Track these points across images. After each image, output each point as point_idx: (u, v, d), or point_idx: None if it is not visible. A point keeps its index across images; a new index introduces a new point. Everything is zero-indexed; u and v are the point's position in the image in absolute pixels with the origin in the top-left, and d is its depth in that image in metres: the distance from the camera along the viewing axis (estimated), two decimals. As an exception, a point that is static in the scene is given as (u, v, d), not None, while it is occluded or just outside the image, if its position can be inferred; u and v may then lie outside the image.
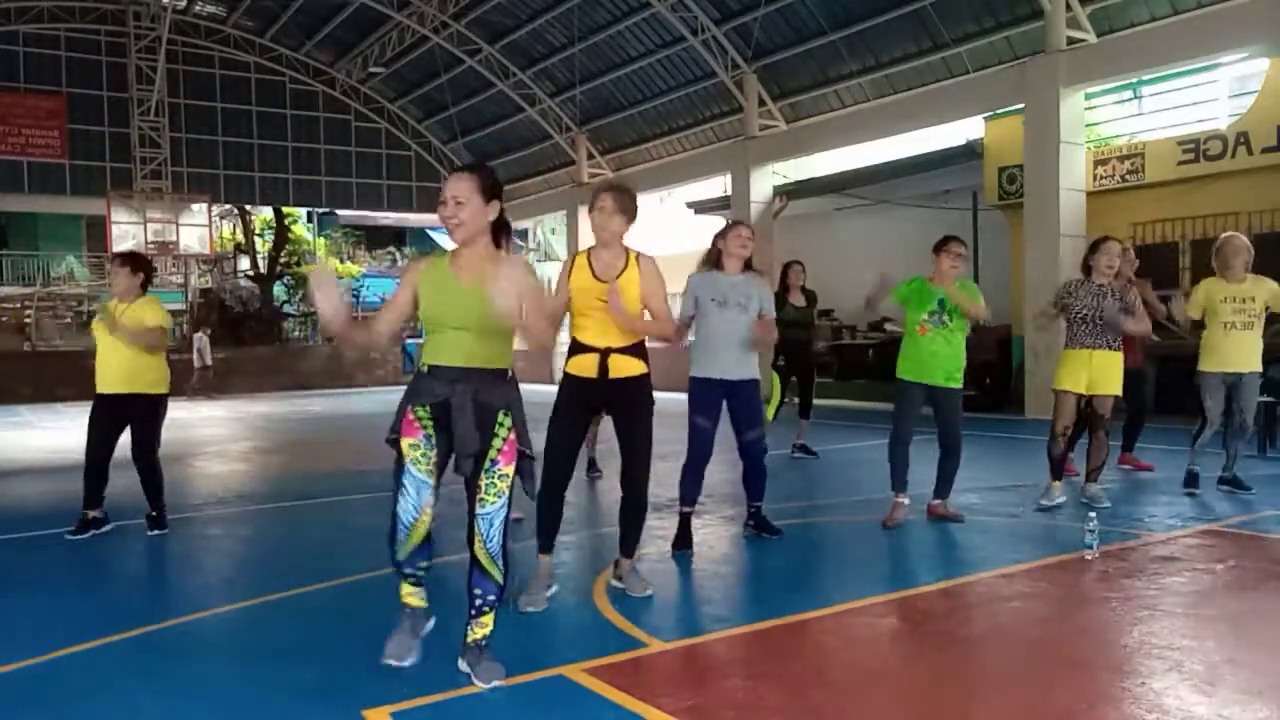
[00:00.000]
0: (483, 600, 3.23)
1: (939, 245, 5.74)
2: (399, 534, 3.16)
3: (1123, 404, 7.11)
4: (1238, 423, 6.36)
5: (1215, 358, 6.32)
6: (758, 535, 5.41)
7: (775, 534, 5.38)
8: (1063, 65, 12.39)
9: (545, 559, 4.27)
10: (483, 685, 3.15)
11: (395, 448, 3.22)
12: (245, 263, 30.80)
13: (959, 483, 5.93)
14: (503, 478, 3.20)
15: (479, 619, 3.25)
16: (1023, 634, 3.78)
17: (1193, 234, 12.34)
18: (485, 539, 3.18)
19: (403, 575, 3.25)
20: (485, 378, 3.16)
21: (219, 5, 23.80)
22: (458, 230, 3.16)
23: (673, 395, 6.96)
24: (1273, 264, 10.54)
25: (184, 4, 23.11)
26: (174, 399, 6.25)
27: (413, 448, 3.18)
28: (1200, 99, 13.04)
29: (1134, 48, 12.10)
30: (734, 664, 3.52)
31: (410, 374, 3.34)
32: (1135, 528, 5.51)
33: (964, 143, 15.33)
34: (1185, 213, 12.43)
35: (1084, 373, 6.07)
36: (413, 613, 3.29)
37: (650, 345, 4.27)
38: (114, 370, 5.70)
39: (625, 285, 4.08)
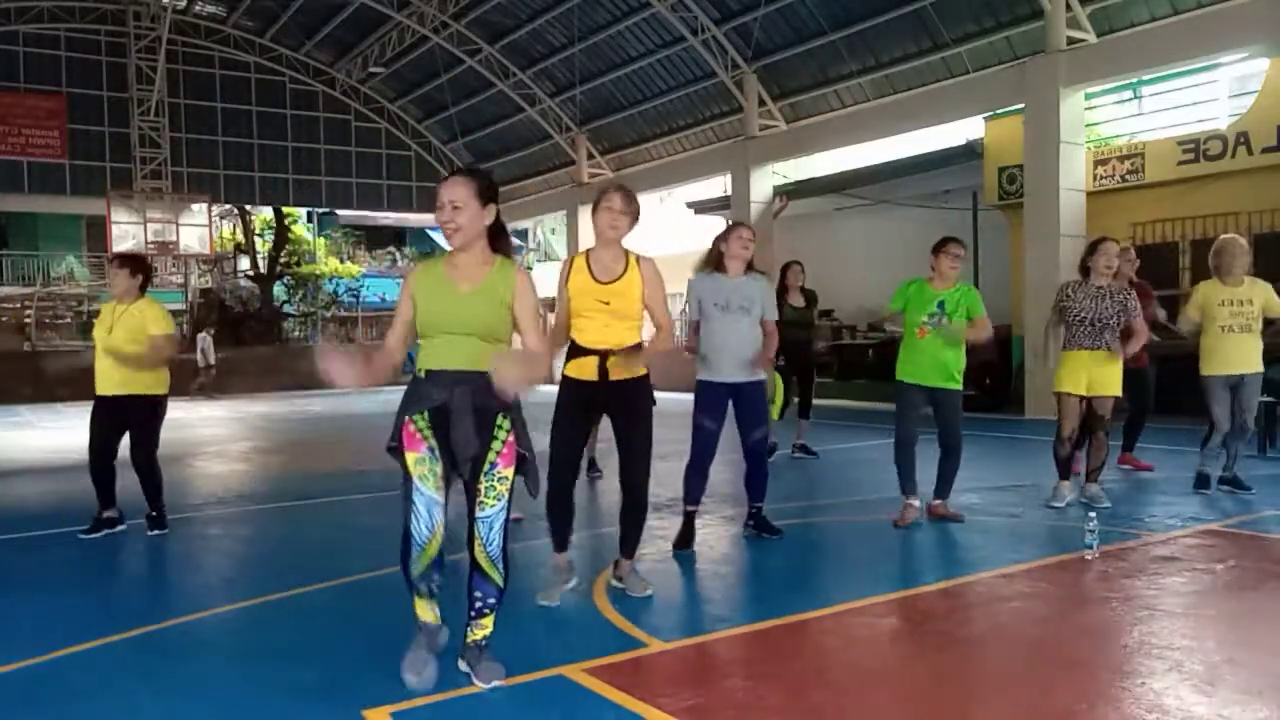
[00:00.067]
0: (483, 603, 3.23)
1: (937, 246, 5.73)
2: (413, 551, 3.14)
3: (1125, 404, 7.12)
4: (1239, 423, 6.36)
5: (1216, 361, 6.31)
6: (758, 535, 5.41)
7: (775, 534, 5.39)
8: (1063, 65, 12.39)
9: (561, 556, 4.30)
10: (483, 685, 3.15)
11: (398, 458, 3.20)
12: (245, 263, 30.81)
13: (959, 483, 5.93)
14: (502, 480, 3.20)
15: (479, 620, 3.25)
16: (1023, 634, 3.78)
17: (1193, 234, 12.34)
18: (485, 542, 3.18)
19: (416, 591, 3.22)
20: (483, 381, 3.15)
21: (219, 5, 23.80)
22: (455, 235, 3.15)
23: (673, 395, 6.94)
24: (1273, 264, 10.62)
25: (184, 4, 23.11)
26: (179, 399, 6.25)
27: (419, 463, 3.16)
28: (1200, 99, 13.04)
29: (1134, 48, 12.11)
30: (734, 664, 3.52)
31: (409, 375, 3.31)
32: (1135, 528, 5.51)
33: (964, 143, 15.34)
34: (1185, 213, 12.43)
35: (1084, 374, 6.06)
36: (428, 629, 3.26)
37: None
38: (112, 372, 5.69)
39: (626, 288, 4.09)
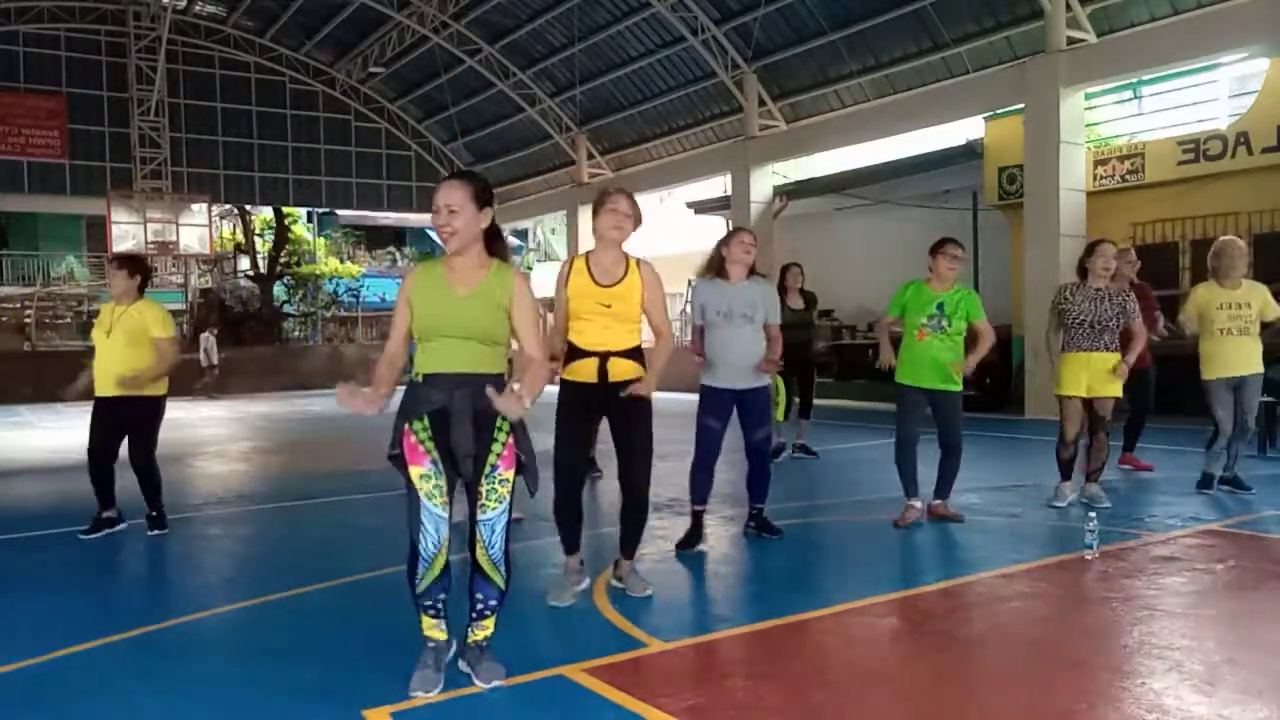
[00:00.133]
0: (484, 604, 3.23)
1: (935, 247, 5.73)
2: (420, 567, 3.13)
3: (1125, 404, 7.11)
4: (1240, 423, 6.36)
5: (1217, 364, 6.31)
6: (758, 535, 5.42)
7: (776, 534, 5.39)
8: (1063, 65, 12.39)
9: (573, 557, 4.32)
10: (483, 685, 3.16)
11: (399, 466, 3.18)
12: (245, 263, 30.82)
13: (959, 483, 5.93)
14: (503, 483, 3.20)
15: (480, 621, 3.25)
16: (1023, 634, 3.78)
17: (1193, 234, 12.34)
18: (487, 545, 3.18)
19: (422, 608, 3.20)
20: (482, 383, 3.15)
21: (219, 5, 23.80)
22: (452, 239, 3.14)
23: (673, 395, 6.94)
24: (1273, 264, 10.62)
25: (184, 4, 23.11)
26: (180, 399, 6.25)
27: (425, 479, 3.13)
28: (1200, 99, 13.03)
29: (1134, 48, 12.10)
30: (734, 664, 3.52)
31: (408, 375, 3.30)
32: (1135, 528, 5.51)
33: (964, 143, 15.34)
34: (1185, 213, 12.43)
35: (1084, 375, 6.06)
36: (435, 645, 3.24)
37: (648, 346, 4.28)
38: (112, 373, 5.68)
39: (626, 291, 4.10)
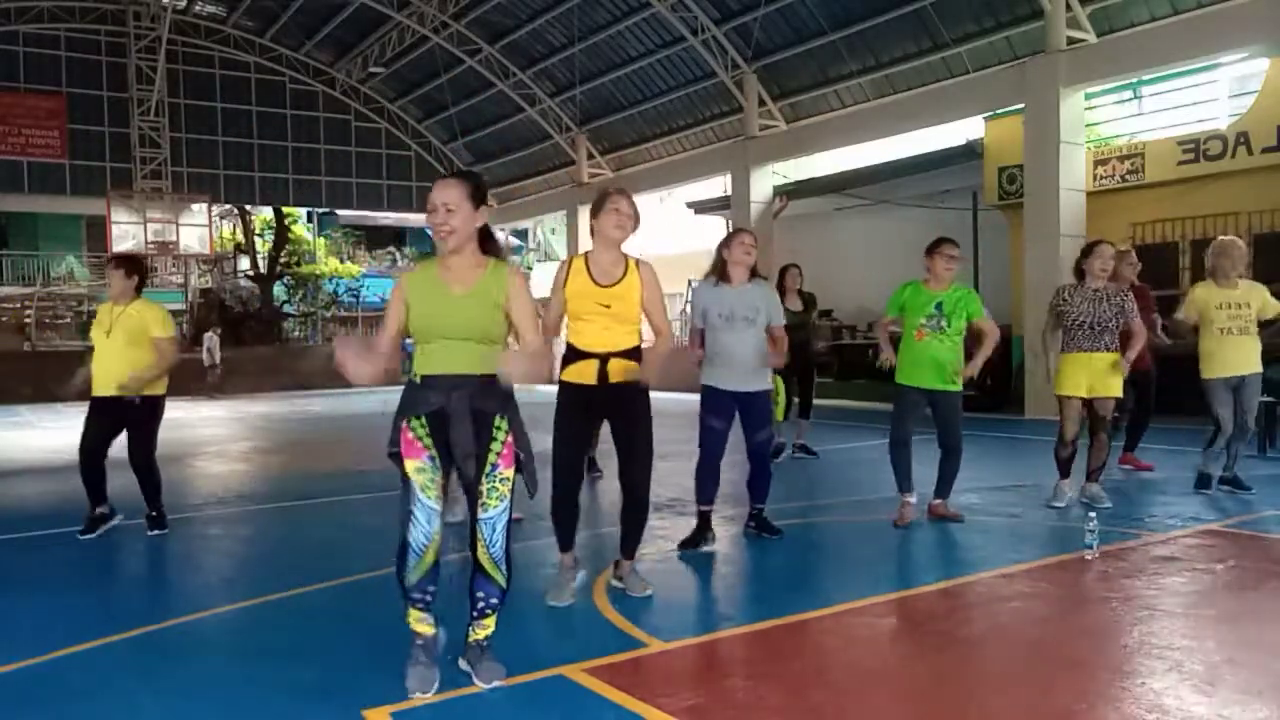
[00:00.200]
0: (485, 603, 3.23)
1: (931, 248, 5.73)
2: (410, 559, 3.14)
3: (1128, 405, 7.11)
4: (1240, 423, 6.36)
5: (1217, 363, 6.31)
6: (758, 535, 5.42)
7: (776, 534, 5.39)
8: (1063, 65, 12.39)
9: (568, 555, 4.32)
10: (483, 685, 3.16)
11: (398, 464, 3.19)
12: (245, 263, 30.83)
13: (959, 483, 5.93)
14: (504, 481, 3.20)
15: (481, 620, 3.25)
16: (1023, 634, 3.78)
17: (1193, 234, 12.34)
18: (488, 543, 3.18)
19: (410, 601, 3.20)
20: (480, 384, 3.15)
21: (219, 5, 23.81)
22: (450, 238, 3.14)
23: (673, 396, 6.94)
24: (1273, 264, 10.62)
25: (184, 4, 23.12)
26: (181, 399, 6.25)
27: (419, 472, 3.15)
28: (1200, 99, 13.04)
29: (1134, 48, 12.11)
30: (734, 664, 3.52)
31: (408, 375, 3.30)
32: (1135, 528, 5.51)
33: (964, 143, 15.34)
34: (1185, 213, 12.43)
35: (1084, 376, 6.06)
36: (424, 640, 3.24)
37: (649, 346, 4.28)
38: (112, 373, 5.67)
39: (626, 291, 4.10)
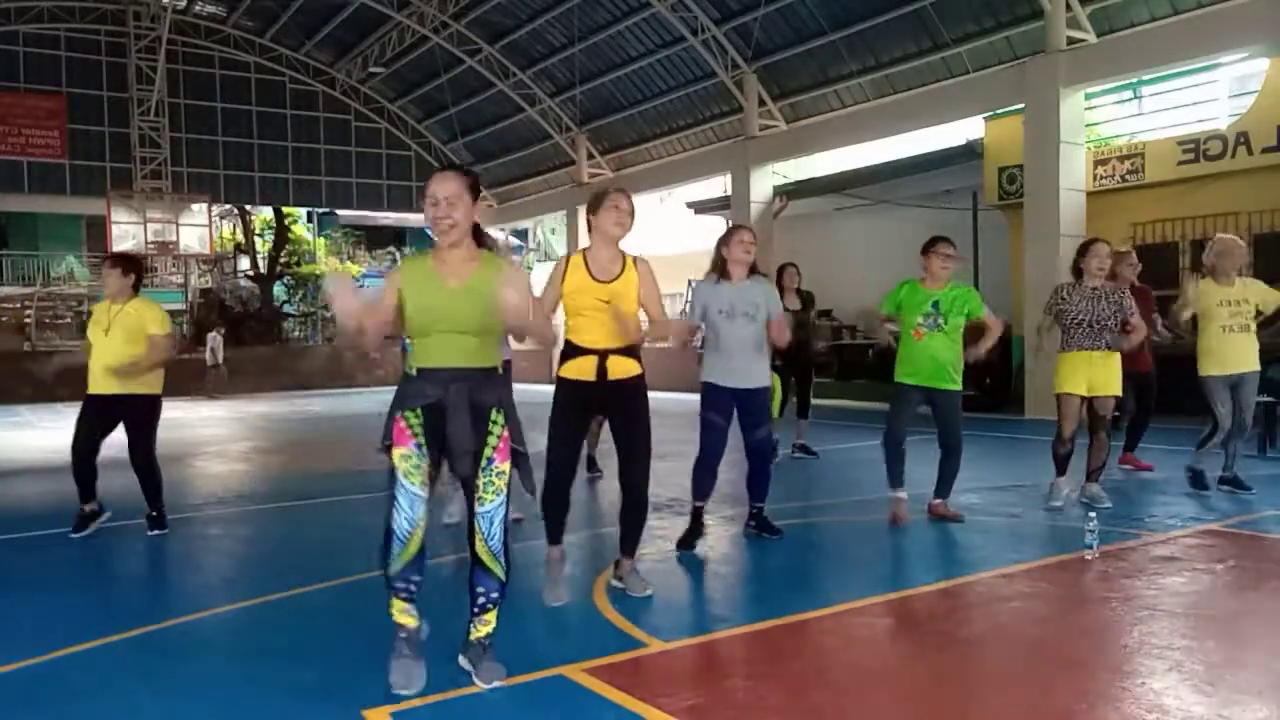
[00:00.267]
0: (485, 598, 3.23)
1: (926, 247, 5.74)
2: (394, 547, 3.13)
3: (1128, 405, 7.11)
4: (1237, 421, 6.36)
5: (1216, 361, 6.32)
6: (758, 535, 5.41)
7: (776, 534, 5.39)
8: (1063, 65, 12.39)
9: (557, 549, 4.30)
10: (483, 685, 3.15)
11: (389, 455, 3.19)
12: (245, 263, 30.83)
13: (959, 483, 5.93)
14: (500, 475, 3.21)
15: (482, 616, 3.25)
16: (1023, 634, 3.78)
17: (1193, 234, 12.33)
18: (486, 537, 3.18)
19: (394, 590, 3.19)
20: (478, 377, 3.16)
21: (219, 5, 23.81)
22: (452, 230, 3.14)
23: (674, 395, 6.94)
24: (1273, 264, 10.62)
25: (184, 4, 23.12)
26: (182, 399, 6.24)
27: (404, 458, 3.14)
28: (1200, 99, 13.04)
29: (1134, 48, 12.11)
30: (734, 664, 3.52)
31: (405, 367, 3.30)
32: (1135, 528, 5.51)
33: (964, 143, 15.34)
34: (1185, 213, 12.43)
35: (1084, 375, 6.06)
36: (407, 633, 3.22)
37: (649, 345, 4.28)
38: (108, 371, 5.66)
39: (623, 288, 4.10)
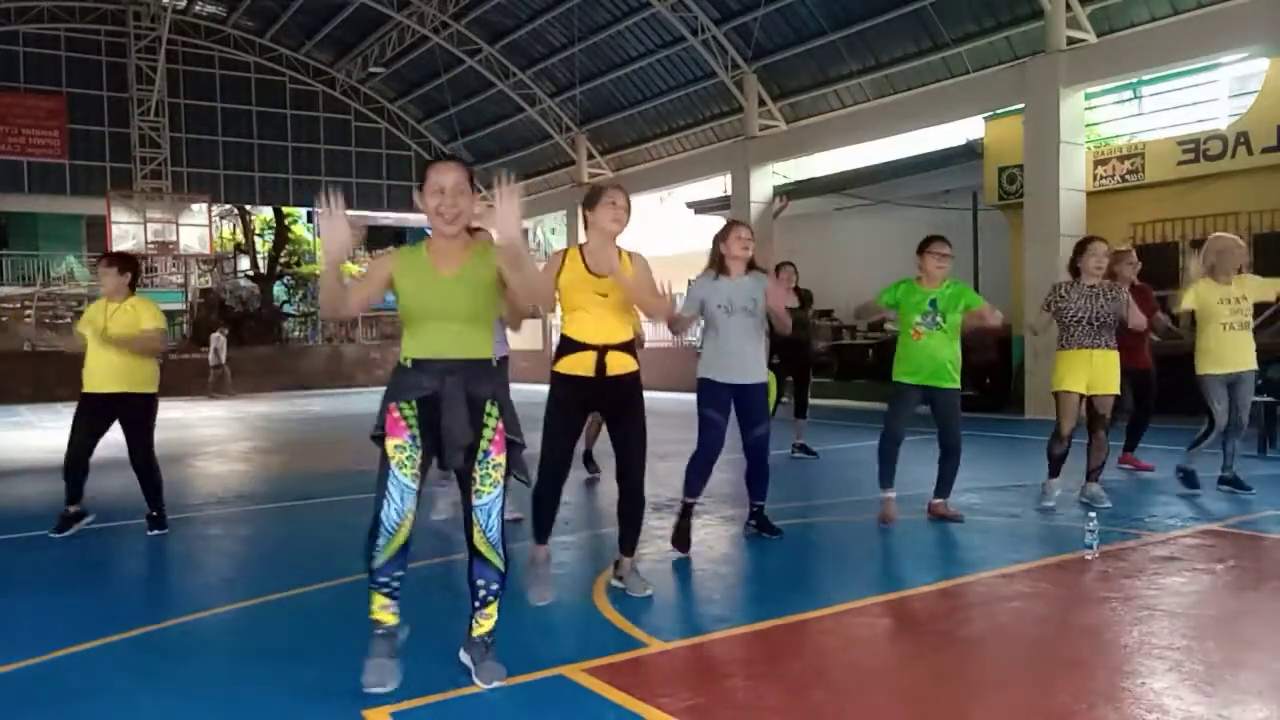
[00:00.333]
0: (486, 590, 3.22)
1: (922, 246, 5.74)
2: (380, 538, 3.12)
3: (1128, 405, 7.10)
4: (1235, 420, 6.37)
5: (1214, 360, 6.31)
6: (758, 535, 5.41)
7: (776, 534, 5.38)
8: (1063, 65, 12.39)
9: (544, 549, 4.30)
10: (483, 685, 3.15)
11: (380, 445, 3.18)
12: (245, 263, 30.84)
13: (959, 483, 5.92)
14: (496, 467, 3.20)
15: (483, 610, 3.24)
16: (1023, 634, 3.78)
17: (1193, 234, 12.32)
18: (485, 529, 3.18)
19: (376, 585, 3.16)
20: (473, 368, 3.15)
21: (219, 5, 23.81)
22: (457, 220, 3.13)
23: (673, 395, 6.93)
24: (1273, 264, 10.62)
25: (184, 4, 23.12)
26: (182, 398, 6.24)
27: (398, 449, 3.13)
28: (1200, 99, 13.04)
29: (1134, 48, 12.11)
30: (734, 664, 3.52)
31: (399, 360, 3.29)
32: (1135, 528, 5.51)
33: (964, 143, 15.34)
34: (1185, 213, 12.43)
35: (1084, 373, 6.07)
36: (386, 631, 3.20)
37: (651, 345, 4.29)
38: (105, 370, 5.65)
39: (619, 282, 4.12)
